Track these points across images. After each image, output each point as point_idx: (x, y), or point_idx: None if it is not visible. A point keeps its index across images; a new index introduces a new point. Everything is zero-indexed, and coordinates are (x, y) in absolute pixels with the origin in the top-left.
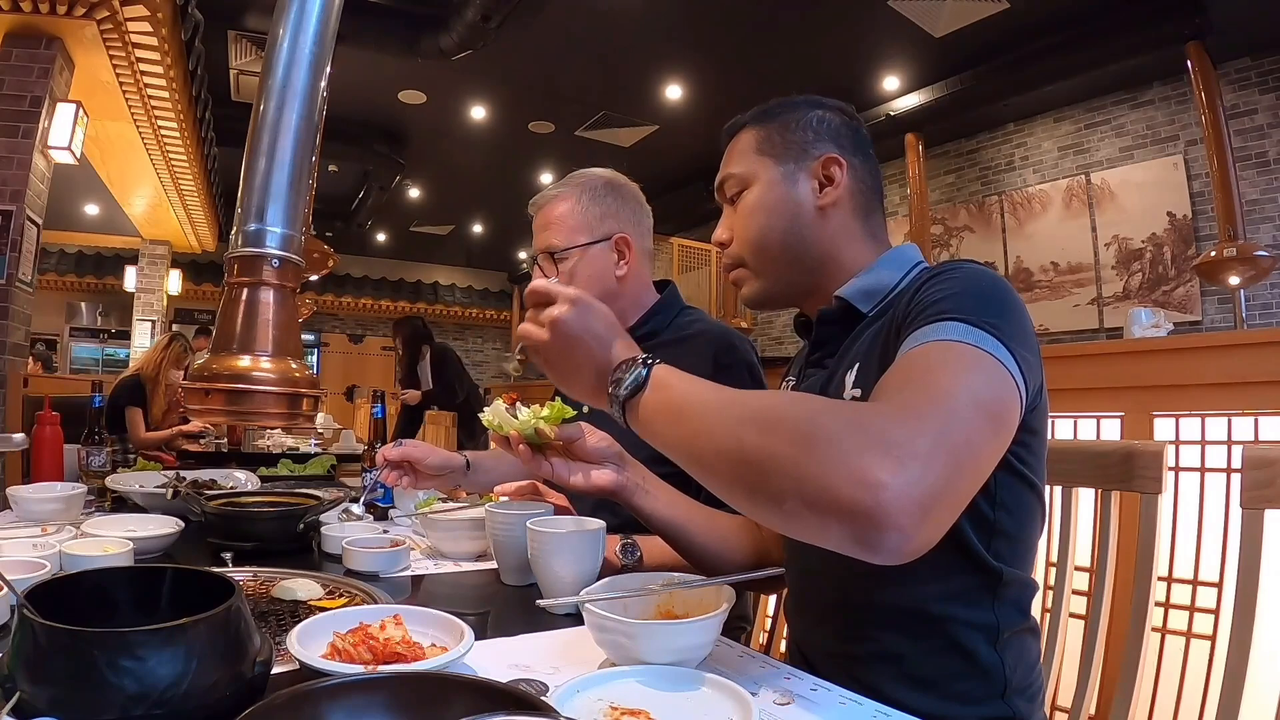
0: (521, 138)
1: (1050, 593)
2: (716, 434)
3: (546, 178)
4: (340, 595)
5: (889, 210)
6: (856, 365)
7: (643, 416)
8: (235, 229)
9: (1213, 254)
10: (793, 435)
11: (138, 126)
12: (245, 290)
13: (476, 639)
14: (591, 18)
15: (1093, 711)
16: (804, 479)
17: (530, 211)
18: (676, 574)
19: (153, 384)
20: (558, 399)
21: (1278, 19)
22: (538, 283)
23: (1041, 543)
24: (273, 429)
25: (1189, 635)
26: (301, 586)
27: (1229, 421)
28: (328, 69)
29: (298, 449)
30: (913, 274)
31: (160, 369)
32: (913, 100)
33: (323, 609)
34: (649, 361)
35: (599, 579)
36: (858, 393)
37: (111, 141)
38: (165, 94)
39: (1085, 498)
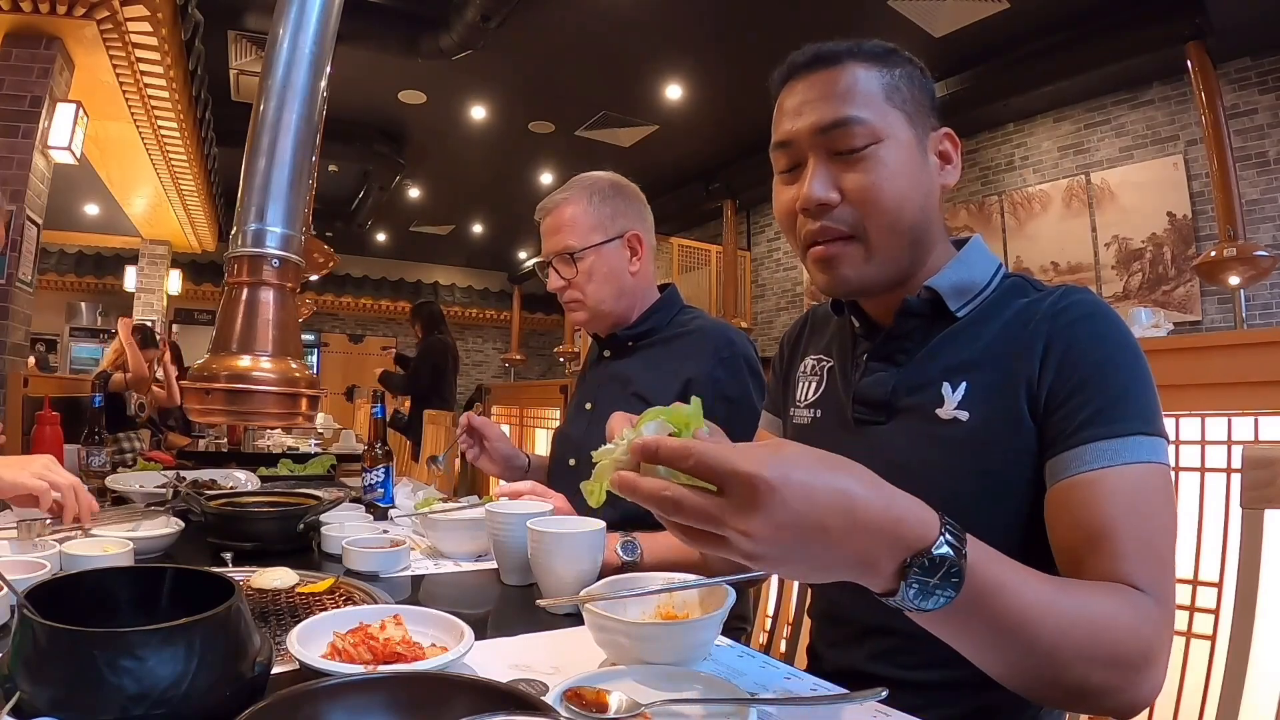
0: (521, 138)
1: None
2: (1026, 659)
3: (546, 178)
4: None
5: None
6: (963, 385)
7: (937, 620)
8: (235, 229)
9: (1213, 254)
10: (1110, 663)
11: (138, 126)
12: (245, 290)
13: (476, 639)
14: (591, 18)
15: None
16: (1110, 697)
17: (538, 217)
18: (676, 574)
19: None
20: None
21: (1278, 19)
22: (700, 453)
23: None
24: (273, 429)
25: (1189, 635)
26: (278, 576)
27: (1229, 421)
28: (328, 69)
29: (298, 449)
30: (1000, 278)
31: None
32: None
33: (309, 594)
34: (956, 552)
35: (599, 579)
36: (964, 415)
37: (111, 141)
38: (165, 94)
39: None
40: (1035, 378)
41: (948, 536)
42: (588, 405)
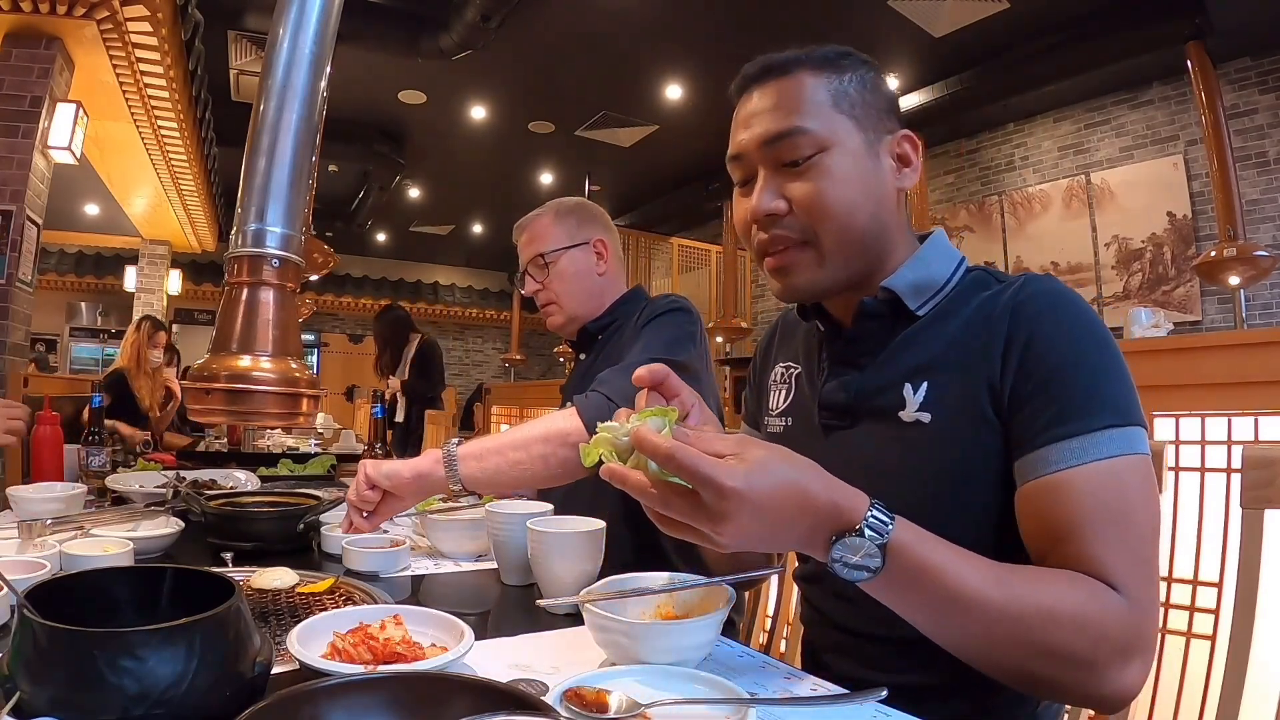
0: (521, 138)
1: None
2: (963, 640)
3: (546, 178)
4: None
5: None
6: (925, 385)
7: (874, 590)
8: (235, 229)
9: (1213, 254)
10: (1050, 657)
11: (138, 126)
12: (245, 290)
13: (476, 639)
14: (591, 18)
15: (1092, 712)
16: (1065, 692)
17: (515, 237)
18: (677, 574)
19: (135, 372)
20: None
21: (1278, 19)
22: (681, 459)
23: None
24: (273, 429)
25: (1189, 635)
26: (278, 576)
27: (1229, 421)
28: (328, 69)
29: (298, 449)
30: (961, 274)
31: (139, 354)
32: (913, 100)
33: (309, 594)
34: (879, 532)
35: (600, 574)
36: (926, 418)
37: (111, 141)
38: (165, 94)
39: None
40: (997, 376)
41: (870, 518)
42: (569, 405)
